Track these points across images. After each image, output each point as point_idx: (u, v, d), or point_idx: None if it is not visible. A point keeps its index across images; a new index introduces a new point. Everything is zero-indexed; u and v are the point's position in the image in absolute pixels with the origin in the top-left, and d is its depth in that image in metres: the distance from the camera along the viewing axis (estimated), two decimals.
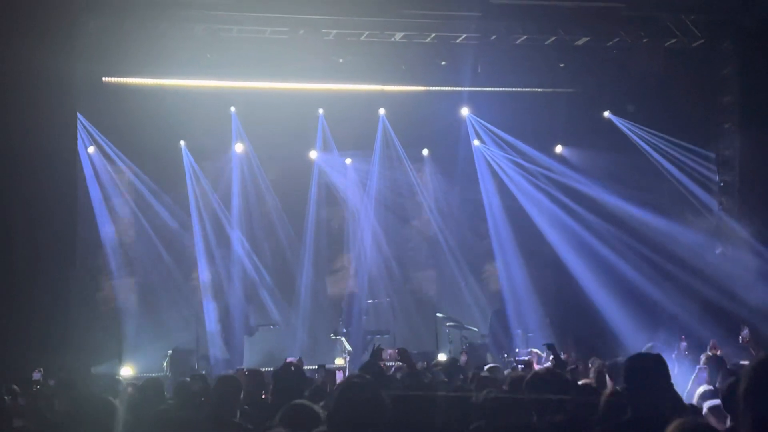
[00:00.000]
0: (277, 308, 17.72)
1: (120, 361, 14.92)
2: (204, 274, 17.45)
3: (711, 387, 7.78)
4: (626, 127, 17.91)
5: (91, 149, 16.81)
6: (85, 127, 16.34)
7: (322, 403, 6.65)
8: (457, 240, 18.81)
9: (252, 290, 17.78)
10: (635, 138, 17.77)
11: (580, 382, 7.46)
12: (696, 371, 9.62)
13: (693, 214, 17.21)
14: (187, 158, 17.61)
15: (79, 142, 16.16)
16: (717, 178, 17.27)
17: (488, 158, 18.74)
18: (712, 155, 17.29)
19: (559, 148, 18.74)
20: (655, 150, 17.55)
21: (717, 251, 16.81)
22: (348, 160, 18.87)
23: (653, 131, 17.52)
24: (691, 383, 9.13)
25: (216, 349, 16.19)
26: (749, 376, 3.34)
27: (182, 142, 17.50)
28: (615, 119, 18.05)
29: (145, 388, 8.06)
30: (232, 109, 17.22)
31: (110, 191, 17.11)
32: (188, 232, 17.57)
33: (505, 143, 18.39)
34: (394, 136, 18.28)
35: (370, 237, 18.70)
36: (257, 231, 18.15)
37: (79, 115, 15.51)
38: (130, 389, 8.97)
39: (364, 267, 18.57)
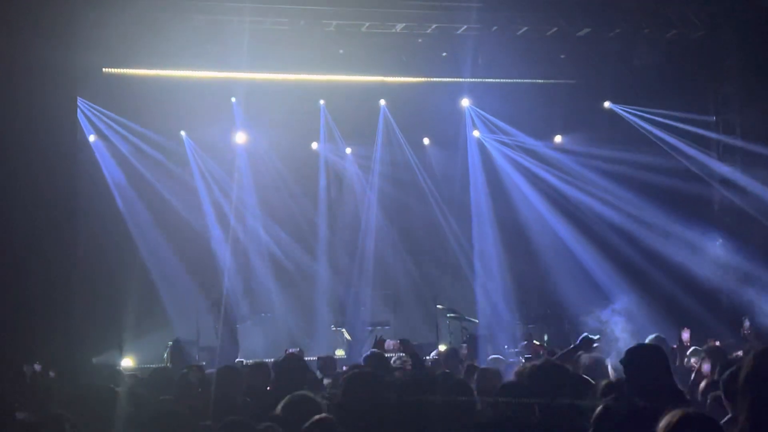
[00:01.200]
0: (281, 298, 17.71)
1: (120, 351, 14.90)
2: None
3: (713, 379, 7.76)
4: (628, 113, 17.88)
5: (92, 138, 16.77)
6: (91, 110, 16.30)
7: (321, 394, 6.69)
8: (461, 229, 18.79)
9: (251, 280, 17.79)
10: (636, 119, 17.72)
11: None
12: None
13: (695, 204, 17.20)
14: (189, 147, 17.63)
15: (87, 130, 16.20)
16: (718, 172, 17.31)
17: (488, 148, 18.76)
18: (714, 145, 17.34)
19: (558, 139, 18.76)
20: (657, 135, 17.52)
21: (717, 243, 16.81)
22: (348, 150, 18.90)
23: (655, 110, 17.47)
24: (694, 375, 9.12)
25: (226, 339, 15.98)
26: (749, 366, 3.36)
27: (183, 132, 17.53)
28: (616, 108, 18.03)
29: (152, 379, 8.03)
30: (233, 99, 17.19)
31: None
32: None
33: (506, 134, 18.40)
34: (395, 127, 18.28)
35: (372, 228, 18.69)
36: (259, 222, 18.17)
37: (81, 100, 15.49)
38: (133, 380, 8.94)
39: (364, 258, 18.56)
